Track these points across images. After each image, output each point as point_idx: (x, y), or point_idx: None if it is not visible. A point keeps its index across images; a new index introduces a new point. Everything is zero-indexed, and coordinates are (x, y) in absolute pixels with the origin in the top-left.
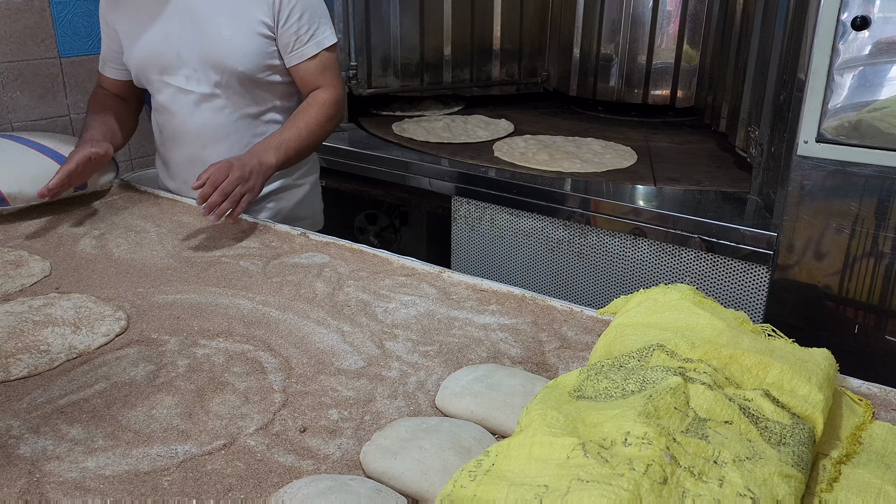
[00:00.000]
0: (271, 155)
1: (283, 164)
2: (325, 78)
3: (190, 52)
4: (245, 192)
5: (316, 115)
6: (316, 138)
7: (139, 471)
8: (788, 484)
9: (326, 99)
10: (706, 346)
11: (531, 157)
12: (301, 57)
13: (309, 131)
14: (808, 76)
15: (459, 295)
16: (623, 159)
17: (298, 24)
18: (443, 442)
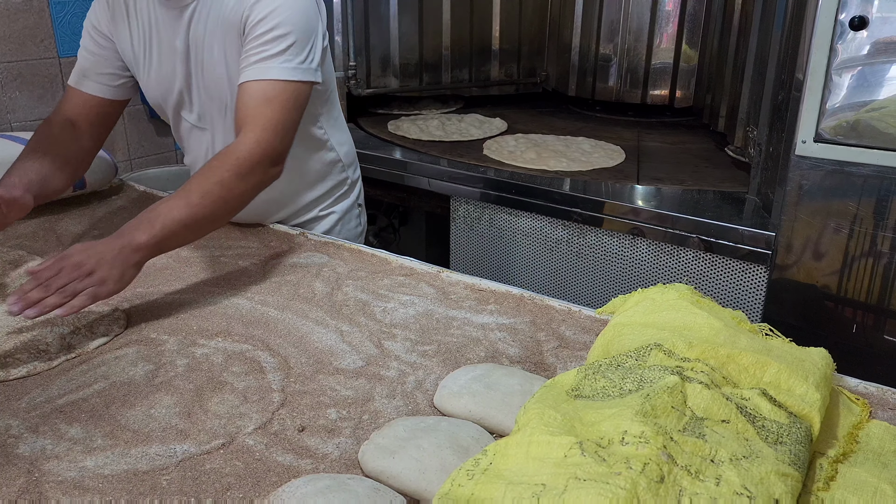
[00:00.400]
0: (143, 232)
1: (162, 242)
2: (259, 115)
3: (195, 92)
4: (87, 287)
5: (220, 174)
6: (221, 204)
7: (138, 470)
8: (785, 482)
9: (241, 153)
10: (703, 345)
11: (519, 156)
12: (242, 77)
13: (205, 196)
14: (806, 76)
15: (458, 295)
16: (610, 158)
17: (258, 41)
18: (441, 441)
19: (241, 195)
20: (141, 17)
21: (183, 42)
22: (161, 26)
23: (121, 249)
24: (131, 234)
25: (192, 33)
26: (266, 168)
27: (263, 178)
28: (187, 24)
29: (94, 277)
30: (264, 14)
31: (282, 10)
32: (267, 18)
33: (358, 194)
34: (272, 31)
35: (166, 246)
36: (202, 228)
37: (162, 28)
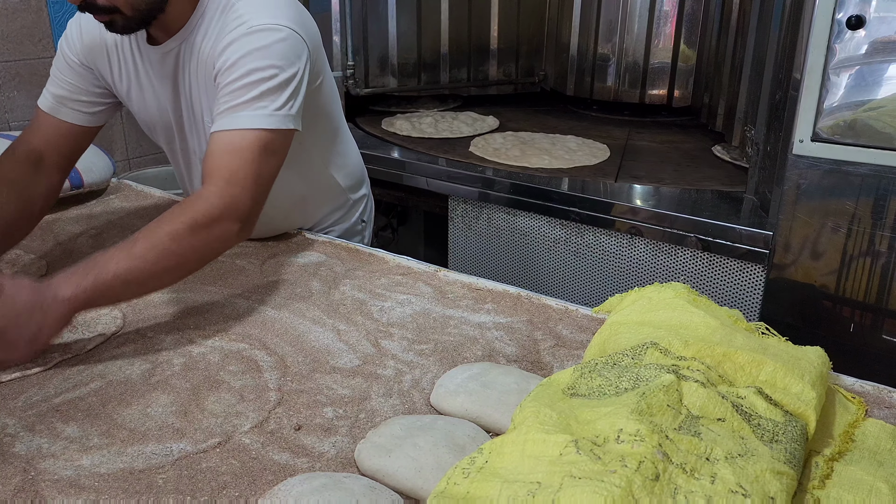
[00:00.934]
0: (70, 284)
1: (95, 297)
2: (221, 166)
3: (187, 129)
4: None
5: (171, 226)
6: (170, 259)
7: (134, 469)
8: (780, 481)
9: (201, 199)
10: (699, 343)
11: (503, 153)
12: (213, 127)
13: (151, 248)
14: (803, 75)
15: (455, 294)
16: (593, 156)
17: (227, 90)
18: (437, 440)
19: (194, 251)
20: (124, 58)
21: (170, 85)
22: (148, 68)
23: (40, 304)
24: (58, 285)
25: (179, 78)
26: (228, 224)
27: (223, 236)
28: (173, 69)
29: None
30: (234, 60)
31: (254, 57)
32: (237, 64)
33: (362, 212)
34: (243, 79)
35: (98, 302)
36: (144, 285)
37: (149, 67)
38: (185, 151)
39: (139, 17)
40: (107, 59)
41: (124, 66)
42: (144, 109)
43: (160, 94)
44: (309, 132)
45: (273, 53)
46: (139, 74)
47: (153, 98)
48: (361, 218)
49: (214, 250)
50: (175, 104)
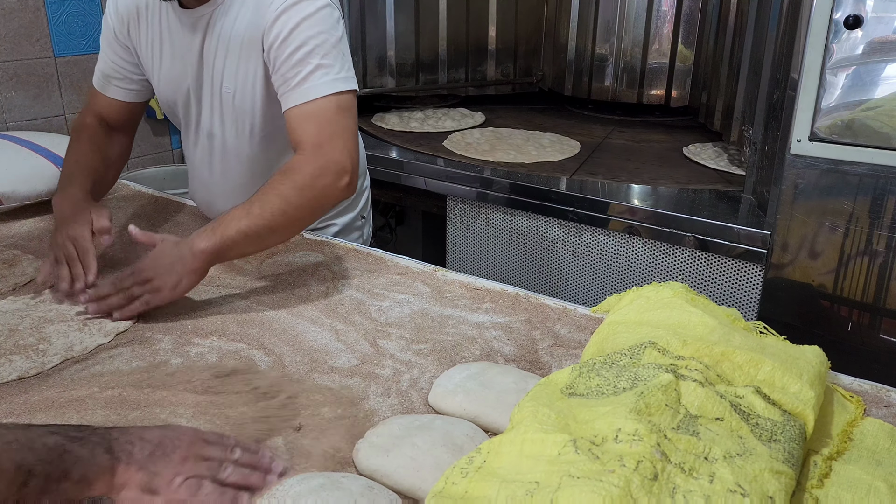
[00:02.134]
0: (203, 239)
1: (224, 251)
2: (308, 134)
3: (205, 100)
4: (143, 293)
5: (279, 188)
6: (282, 216)
7: None
8: (779, 480)
9: (299, 165)
10: (698, 343)
11: (474, 147)
12: (285, 104)
13: (266, 207)
14: (801, 75)
15: (453, 293)
16: (560, 153)
17: (288, 64)
18: (435, 439)
19: (302, 208)
20: (152, 21)
21: (197, 51)
22: (174, 32)
23: (181, 257)
24: (194, 240)
25: (205, 44)
26: (330, 182)
27: (329, 192)
28: (202, 35)
29: (150, 285)
30: (287, 33)
31: (304, 26)
32: (291, 37)
33: (362, 206)
34: (300, 50)
35: (227, 254)
36: (264, 239)
37: (174, 34)
38: (198, 126)
39: None
40: (137, 26)
41: (152, 32)
42: (166, 78)
43: (185, 60)
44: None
45: (320, 20)
46: (163, 41)
47: (178, 64)
48: (361, 214)
49: (323, 205)
50: (197, 71)
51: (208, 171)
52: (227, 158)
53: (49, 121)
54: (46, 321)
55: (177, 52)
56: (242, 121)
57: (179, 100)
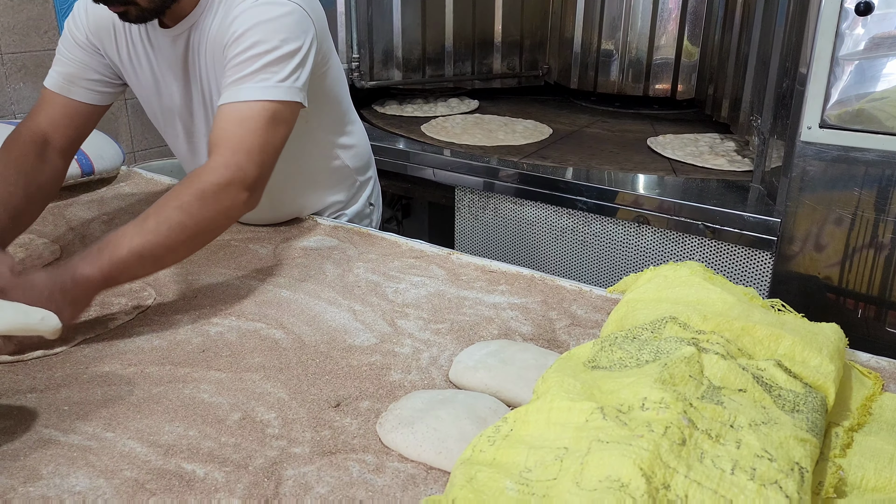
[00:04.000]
0: (89, 263)
1: (117, 276)
2: (227, 136)
3: (195, 113)
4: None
5: (179, 199)
6: (182, 232)
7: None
8: (804, 447)
9: (206, 176)
10: (718, 318)
11: (446, 131)
12: (222, 99)
13: (163, 222)
14: (811, 62)
15: (468, 276)
16: (525, 138)
17: (234, 61)
18: (459, 412)
19: (205, 222)
20: (132, 38)
21: (181, 67)
22: (156, 49)
23: (61, 287)
24: (76, 266)
25: (189, 59)
26: (236, 193)
27: (232, 205)
28: (183, 50)
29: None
30: (240, 32)
31: (259, 28)
32: (243, 37)
33: (370, 194)
34: (248, 50)
35: (118, 280)
36: (161, 259)
37: (158, 50)
38: (191, 135)
39: (154, 8)
40: (114, 41)
41: (132, 49)
42: (150, 92)
43: (168, 77)
44: (317, 116)
45: (279, 27)
46: (148, 57)
47: (160, 81)
48: (369, 201)
49: (224, 219)
50: (185, 87)
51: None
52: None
53: None
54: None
55: (161, 71)
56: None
57: (164, 114)
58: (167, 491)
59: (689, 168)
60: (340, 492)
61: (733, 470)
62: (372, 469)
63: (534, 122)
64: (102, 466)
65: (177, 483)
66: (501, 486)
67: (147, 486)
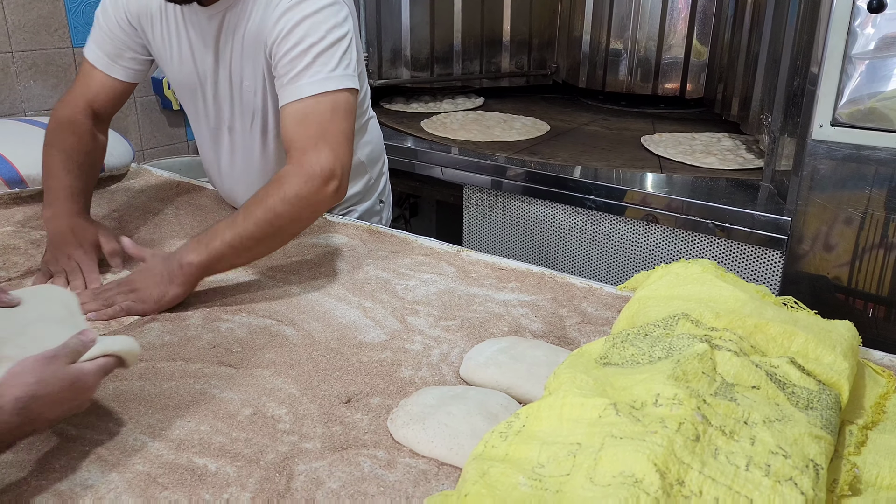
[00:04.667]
0: (196, 253)
1: (213, 263)
2: (297, 137)
3: (222, 96)
4: (126, 301)
5: (266, 199)
6: (269, 229)
7: (173, 437)
8: (818, 444)
9: (286, 173)
10: (730, 315)
11: (444, 127)
12: (280, 101)
13: (253, 220)
14: (823, 59)
15: (478, 273)
16: (520, 135)
17: (284, 60)
18: (470, 408)
19: (289, 217)
20: (168, 17)
21: (213, 47)
22: (190, 28)
23: (170, 272)
24: (183, 254)
25: (220, 41)
26: (318, 189)
27: (317, 200)
28: (217, 31)
29: (133, 294)
30: (287, 30)
31: (305, 24)
32: (290, 34)
33: (381, 191)
34: (297, 47)
35: (216, 267)
36: (251, 250)
37: (192, 29)
38: (218, 118)
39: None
40: (149, 18)
41: (166, 26)
42: (180, 71)
43: (200, 56)
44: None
45: (323, 18)
46: (180, 35)
47: (191, 60)
48: (380, 198)
49: (311, 213)
50: (214, 67)
51: (230, 164)
52: (247, 152)
53: None
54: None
55: (194, 47)
56: (257, 117)
57: (196, 93)
58: (179, 485)
59: (678, 166)
60: (352, 487)
61: (748, 466)
62: (383, 464)
63: (533, 119)
64: (114, 460)
65: (189, 477)
66: (514, 481)
67: (159, 480)
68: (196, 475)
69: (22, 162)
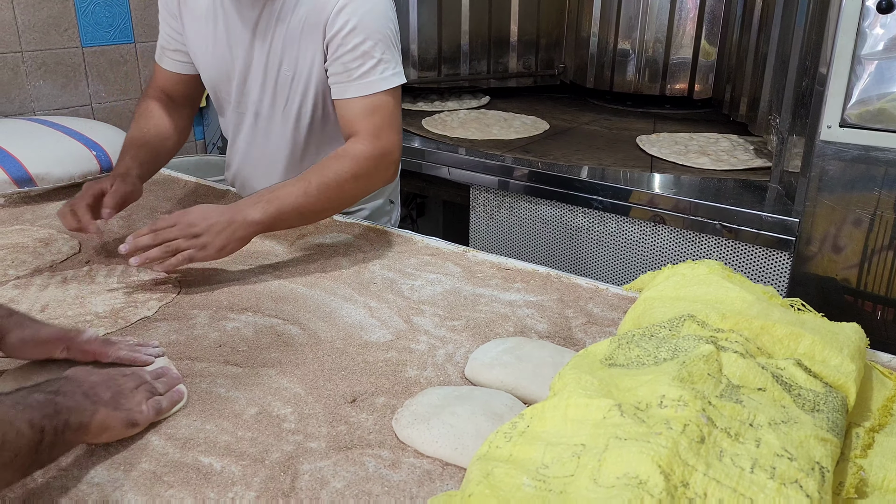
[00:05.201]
0: (257, 210)
1: (275, 223)
2: (368, 125)
3: (254, 82)
4: (189, 248)
5: (337, 172)
6: (334, 199)
7: (184, 437)
8: (825, 447)
9: (358, 153)
10: (737, 317)
11: (444, 125)
12: (343, 93)
13: (322, 189)
14: (832, 60)
15: (484, 273)
16: (517, 133)
17: (351, 55)
18: (475, 409)
19: (352, 194)
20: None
21: (249, 32)
22: (227, 12)
23: (231, 222)
24: (246, 209)
25: (259, 25)
26: (382, 170)
27: (377, 180)
28: (257, 15)
29: (198, 240)
30: (352, 26)
31: (368, 21)
32: (356, 31)
33: (391, 191)
34: (365, 43)
35: (276, 226)
36: (310, 218)
37: (228, 13)
38: (244, 103)
39: None
40: (188, 4)
41: (202, 12)
42: (213, 55)
43: (235, 42)
44: None
45: (382, 13)
46: (217, 21)
47: (225, 45)
48: (390, 198)
49: (367, 193)
50: (248, 53)
51: (247, 148)
52: (271, 138)
53: (76, 110)
54: (92, 293)
55: (231, 33)
56: (293, 102)
57: (225, 79)
58: (184, 483)
59: (668, 165)
60: (356, 486)
61: (753, 468)
62: (388, 464)
63: (534, 118)
64: (120, 459)
65: (194, 476)
66: (518, 482)
67: (164, 479)
68: (201, 474)
69: (31, 161)
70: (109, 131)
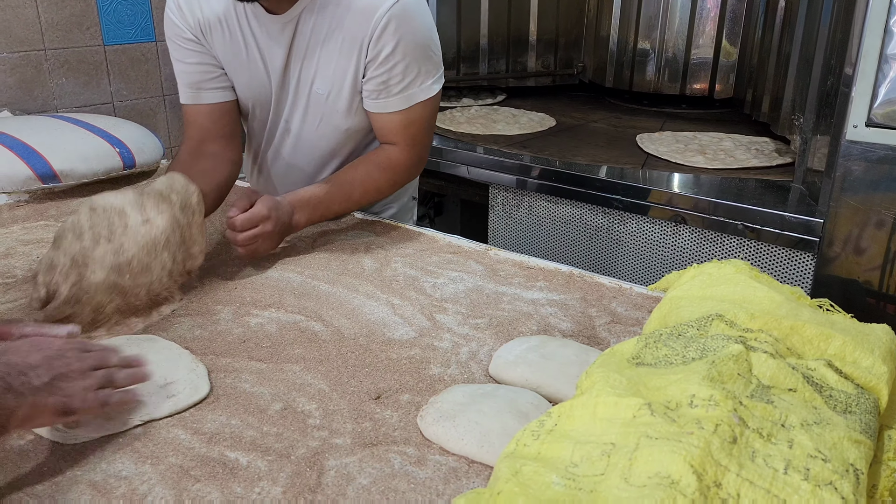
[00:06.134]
0: (303, 215)
1: (313, 222)
2: (406, 135)
3: (287, 98)
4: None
5: (377, 181)
6: (366, 202)
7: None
8: (858, 448)
9: (397, 162)
10: (766, 316)
11: (453, 121)
12: (383, 108)
13: (363, 196)
14: (858, 59)
15: (506, 272)
16: (521, 129)
17: (390, 74)
18: (501, 406)
19: (382, 196)
20: (233, 29)
21: (283, 54)
22: (258, 37)
23: (284, 227)
24: (294, 212)
25: (294, 45)
26: (414, 173)
27: (408, 182)
28: (290, 37)
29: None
30: (393, 45)
31: (409, 38)
32: (398, 49)
33: (414, 187)
34: (405, 60)
35: (306, 226)
36: (339, 213)
37: (259, 38)
38: (273, 121)
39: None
40: (209, 28)
41: (229, 33)
42: (246, 81)
43: (268, 63)
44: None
45: (423, 24)
46: (247, 46)
47: (260, 68)
48: (412, 195)
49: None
50: (283, 73)
51: (273, 160)
52: (299, 151)
53: (98, 108)
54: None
55: (263, 51)
56: (329, 118)
57: (258, 101)
58: (211, 478)
59: (662, 163)
60: (382, 483)
61: (786, 469)
62: (413, 461)
63: (543, 115)
64: (148, 453)
65: (220, 470)
66: (547, 480)
67: (191, 473)
68: (228, 468)
69: (55, 157)
70: (133, 128)
